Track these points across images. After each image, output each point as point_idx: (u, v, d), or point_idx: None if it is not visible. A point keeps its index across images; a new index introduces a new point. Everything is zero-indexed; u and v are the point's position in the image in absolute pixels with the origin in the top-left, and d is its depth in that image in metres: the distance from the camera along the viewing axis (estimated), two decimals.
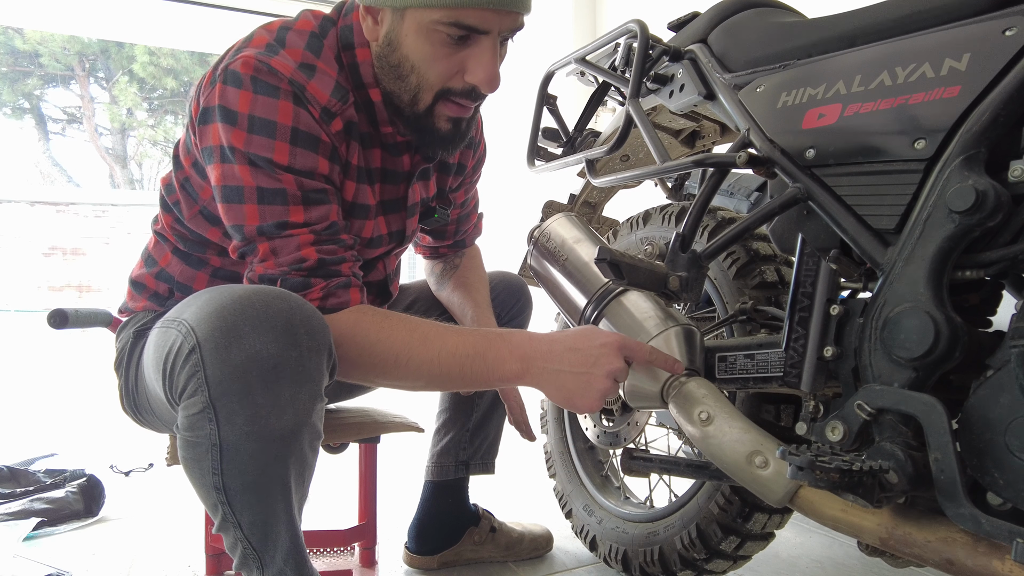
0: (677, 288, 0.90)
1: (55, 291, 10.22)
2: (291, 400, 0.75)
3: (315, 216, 0.88)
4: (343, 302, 0.88)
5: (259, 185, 0.85)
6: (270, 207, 0.86)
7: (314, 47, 0.91)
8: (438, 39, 0.84)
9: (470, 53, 0.86)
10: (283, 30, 0.91)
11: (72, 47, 12.79)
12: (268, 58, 0.86)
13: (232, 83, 0.85)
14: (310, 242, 0.87)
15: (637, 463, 1.07)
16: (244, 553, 0.82)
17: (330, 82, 0.90)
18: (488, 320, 1.20)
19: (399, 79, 0.90)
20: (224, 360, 0.73)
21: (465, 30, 0.83)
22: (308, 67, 0.89)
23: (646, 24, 1.04)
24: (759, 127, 0.88)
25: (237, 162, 0.85)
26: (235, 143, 0.85)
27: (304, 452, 0.80)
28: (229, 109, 0.85)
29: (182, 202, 1.00)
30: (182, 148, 0.99)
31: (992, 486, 0.61)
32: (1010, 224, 0.65)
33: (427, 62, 0.86)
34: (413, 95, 0.90)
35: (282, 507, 0.80)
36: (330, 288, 0.87)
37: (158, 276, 1.05)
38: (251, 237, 0.87)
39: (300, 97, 0.87)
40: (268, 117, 0.85)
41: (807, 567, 1.38)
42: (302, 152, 0.87)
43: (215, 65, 0.91)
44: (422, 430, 1.32)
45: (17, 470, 1.75)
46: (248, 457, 0.76)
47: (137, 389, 1.00)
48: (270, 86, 0.85)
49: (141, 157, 14.97)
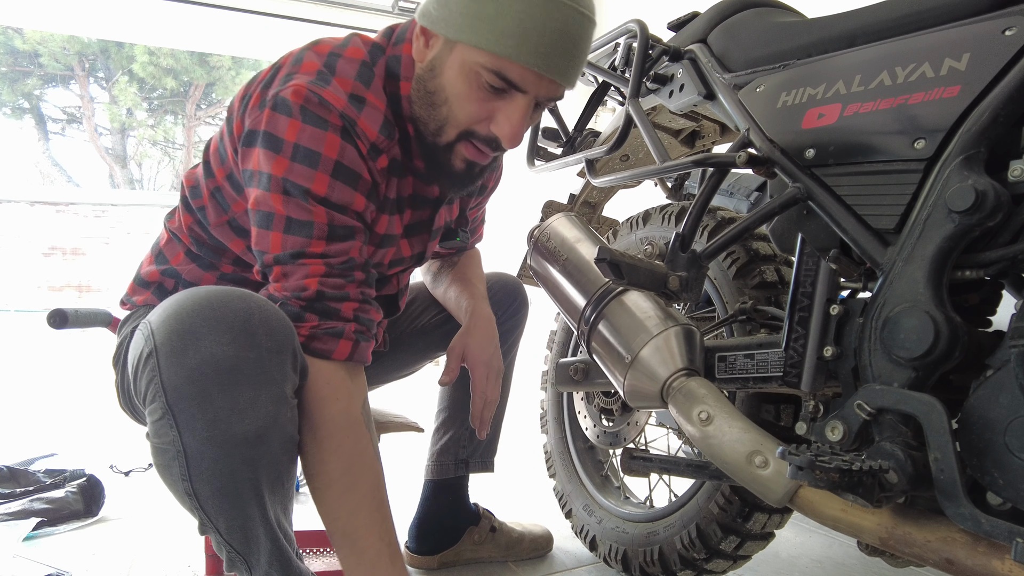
0: (677, 288, 0.90)
1: (55, 291, 10.21)
2: (251, 403, 0.74)
3: (334, 250, 0.87)
4: (327, 350, 0.85)
5: (289, 215, 0.84)
6: (294, 237, 0.85)
7: (365, 77, 0.89)
8: (477, 82, 0.84)
9: (502, 105, 0.86)
10: (333, 56, 0.89)
11: (72, 47, 12.78)
12: (320, 89, 0.85)
13: (281, 111, 0.84)
14: (319, 273, 0.85)
15: (637, 463, 1.07)
16: (230, 555, 0.81)
17: (379, 117, 0.89)
18: (484, 310, 1.19)
19: (431, 106, 0.89)
20: (179, 364, 0.72)
21: (504, 82, 0.83)
22: (358, 99, 0.88)
23: (646, 24, 1.04)
24: (759, 127, 0.88)
25: (272, 190, 0.85)
26: (274, 171, 0.84)
27: (275, 456, 0.78)
28: (275, 136, 0.84)
29: (209, 208, 0.99)
30: (214, 156, 0.98)
31: (992, 486, 0.61)
32: (1010, 224, 0.65)
33: (460, 100, 0.86)
34: (439, 126, 0.90)
35: (257, 511, 0.79)
36: (319, 330, 0.85)
37: (165, 272, 1.05)
38: (268, 264, 0.87)
39: (349, 132, 0.86)
40: (313, 148, 0.84)
41: (807, 567, 1.38)
42: (341, 186, 0.86)
43: (260, 83, 0.90)
44: (422, 430, 1.32)
45: (17, 470, 1.75)
46: (213, 463, 0.75)
47: (132, 387, 1.00)
48: (319, 118, 0.84)
49: (141, 157, 14.96)
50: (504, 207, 3.29)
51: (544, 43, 0.80)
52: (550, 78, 0.83)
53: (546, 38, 0.79)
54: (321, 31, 3.63)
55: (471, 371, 1.13)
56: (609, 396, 1.33)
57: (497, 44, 0.80)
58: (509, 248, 2.12)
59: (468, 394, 1.35)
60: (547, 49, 0.80)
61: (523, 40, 0.79)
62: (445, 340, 1.31)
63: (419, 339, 1.33)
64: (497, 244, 2.63)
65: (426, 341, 1.33)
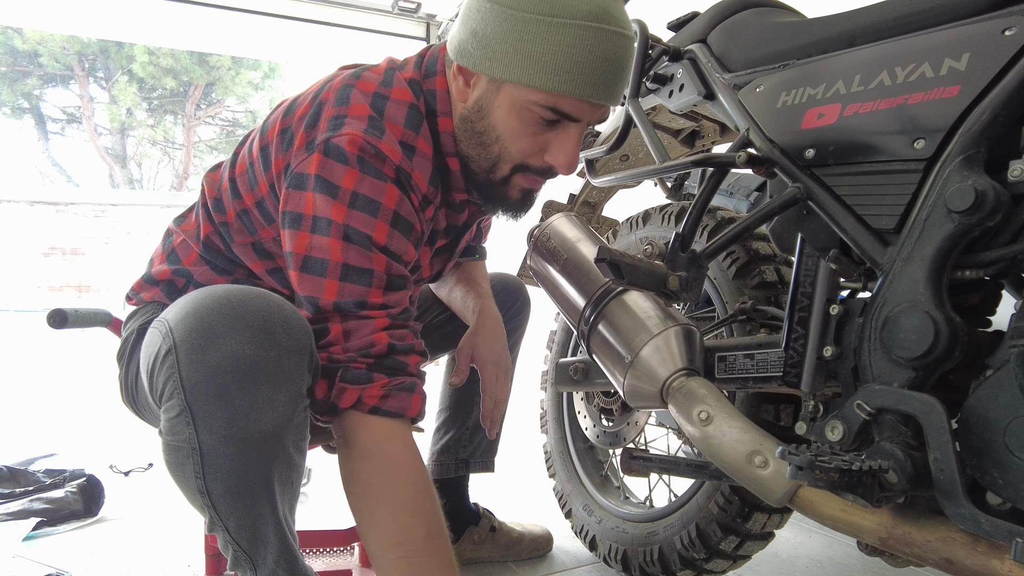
0: (677, 288, 0.90)
1: (54, 291, 10.21)
2: (270, 401, 0.74)
3: (393, 300, 0.86)
4: (403, 407, 0.84)
5: (347, 262, 0.83)
6: (352, 286, 0.83)
7: (414, 123, 0.88)
8: (529, 118, 0.84)
9: (556, 136, 0.86)
10: (381, 99, 0.87)
11: (71, 47, 12.78)
12: (376, 140, 0.83)
13: (337, 158, 0.82)
14: (384, 326, 0.84)
15: (637, 463, 1.07)
16: (235, 554, 0.82)
17: (428, 166, 0.90)
18: (491, 309, 1.19)
19: (481, 146, 0.89)
20: (199, 361, 0.72)
21: (558, 115, 0.83)
22: (409, 148, 0.87)
23: (646, 24, 1.04)
24: (759, 127, 0.88)
25: (331, 235, 0.82)
26: (333, 216, 0.82)
27: (289, 454, 0.79)
28: (330, 182, 0.82)
29: (234, 226, 0.98)
30: (241, 177, 0.96)
31: (991, 486, 0.61)
32: (1009, 224, 0.65)
33: (513, 136, 0.86)
34: (492, 164, 0.89)
35: (268, 510, 0.79)
36: (391, 388, 0.84)
37: (176, 272, 1.04)
38: (326, 311, 0.83)
39: (405, 184, 0.86)
40: (373, 197, 0.83)
41: (807, 567, 1.38)
42: (399, 236, 0.86)
43: (303, 119, 0.87)
44: (422, 429, 1.31)
45: (17, 470, 1.75)
46: (229, 461, 0.75)
47: (136, 384, 1.00)
48: (377, 169, 0.83)
49: (140, 157, 14.96)
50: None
51: (595, 73, 0.79)
52: (602, 103, 0.83)
53: (597, 68, 0.79)
54: (321, 31, 3.62)
55: (480, 371, 1.12)
56: (609, 396, 1.33)
57: (550, 81, 0.79)
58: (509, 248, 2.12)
59: (469, 394, 1.36)
60: (598, 79, 0.80)
61: (575, 74, 0.79)
62: (446, 340, 1.31)
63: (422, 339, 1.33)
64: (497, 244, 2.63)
65: (429, 341, 1.33)
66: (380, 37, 3.72)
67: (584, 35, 0.77)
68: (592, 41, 0.78)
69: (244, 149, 0.99)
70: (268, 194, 0.93)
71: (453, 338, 1.17)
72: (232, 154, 1.02)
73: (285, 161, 0.88)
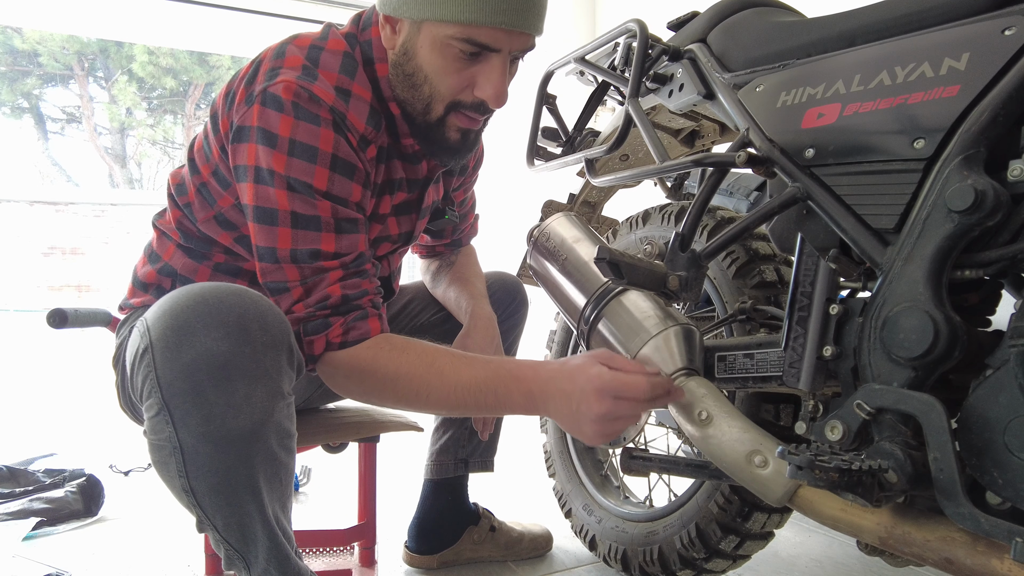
0: (676, 288, 0.90)
1: (54, 291, 10.20)
2: (246, 398, 0.74)
3: (345, 246, 0.89)
4: (363, 333, 0.89)
5: (294, 210, 0.86)
6: (304, 232, 0.86)
7: (348, 69, 0.91)
8: (451, 53, 0.86)
9: (480, 69, 0.88)
10: (316, 49, 0.91)
11: (71, 47, 12.76)
12: (309, 84, 0.86)
13: (272, 106, 0.85)
14: (338, 278, 0.88)
15: (636, 462, 1.07)
16: (228, 553, 0.82)
17: (365, 108, 0.91)
18: (484, 309, 1.19)
19: (412, 88, 0.91)
20: (174, 360, 0.73)
21: (477, 47, 0.85)
22: (344, 92, 0.90)
23: (645, 24, 1.04)
24: (758, 126, 0.88)
25: (275, 185, 0.86)
26: (275, 166, 0.85)
27: (272, 451, 0.79)
28: (269, 132, 0.85)
29: (195, 204, 1.00)
30: (198, 152, 0.99)
31: (991, 485, 0.61)
32: (1009, 223, 0.65)
33: (440, 75, 0.88)
34: (425, 104, 0.92)
35: (254, 508, 0.79)
36: (348, 323, 0.88)
37: (161, 271, 1.05)
38: (283, 260, 0.87)
39: (340, 125, 0.88)
40: (309, 143, 0.85)
41: (806, 566, 1.38)
42: (340, 179, 0.88)
43: (243, 79, 0.91)
44: (421, 429, 1.32)
45: (16, 470, 1.75)
46: (209, 459, 0.75)
47: (130, 384, 1.01)
48: (311, 113, 0.85)
49: (140, 157, 14.95)
50: (504, 207, 3.29)
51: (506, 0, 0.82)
52: (518, 31, 0.85)
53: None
54: None
55: None
56: None
57: (461, 13, 0.82)
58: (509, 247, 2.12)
59: None
60: (509, 5, 0.82)
61: (484, 2, 0.81)
62: (443, 339, 1.31)
63: (418, 337, 1.33)
64: (497, 244, 2.63)
65: (425, 340, 1.33)
66: None
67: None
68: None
69: (199, 131, 1.02)
70: (220, 159, 0.95)
71: (448, 338, 1.17)
72: (191, 141, 1.04)
73: (230, 119, 0.90)
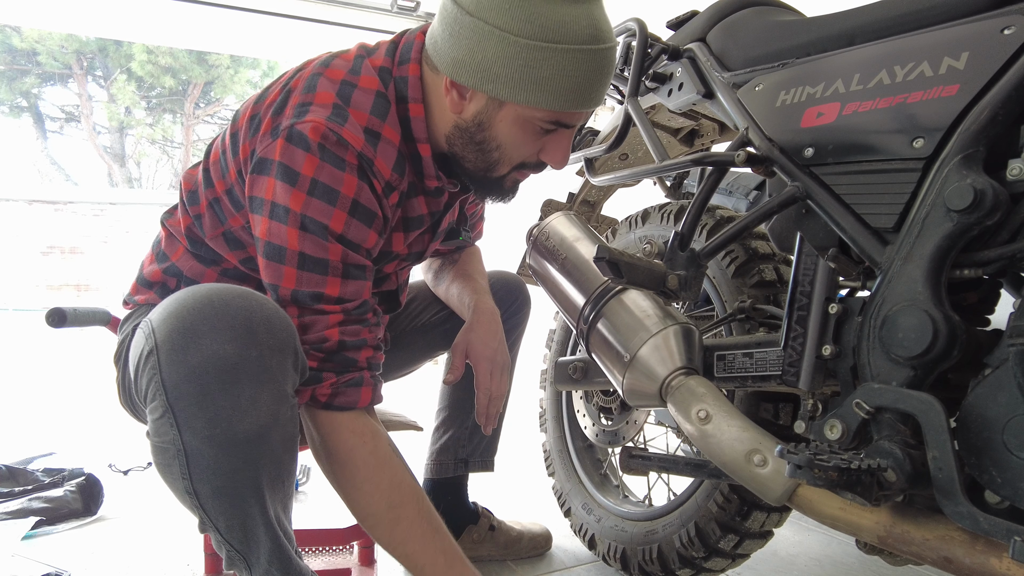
0: (676, 287, 0.90)
1: (53, 290, 10.20)
2: (252, 402, 0.74)
3: (350, 292, 0.88)
4: (351, 402, 0.88)
5: (303, 251, 0.84)
6: (309, 275, 0.85)
7: (380, 110, 0.90)
8: (531, 129, 0.88)
9: (551, 139, 0.91)
10: (348, 86, 0.89)
11: (70, 45, 12.75)
12: (338, 128, 0.84)
13: (298, 144, 0.84)
14: (337, 322, 0.87)
15: (636, 461, 1.07)
16: (229, 554, 0.82)
17: (393, 153, 0.90)
18: (487, 304, 1.18)
19: (481, 152, 0.92)
20: (180, 362, 0.72)
21: (557, 125, 0.88)
22: (374, 135, 0.88)
23: (645, 23, 1.04)
24: (758, 126, 0.88)
25: (288, 223, 0.84)
26: (291, 204, 0.84)
27: (277, 454, 0.79)
28: (291, 169, 0.84)
29: (206, 218, 0.99)
30: (214, 166, 0.98)
31: (990, 484, 0.61)
32: (1008, 223, 0.65)
33: (515, 145, 0.90)
34: (490, 165, 0.93)
35: (257, 510, 0.79)
36: (339, 385, 0.87)
37: (167, 271, 1.04)
38: (284, 300, 0.86)
39: (366, 171, 0.87)
40: (331, 185, 0.84)
41: (805, 565, 1.38)
42: (357, 225, 0.87)
43: (270, 107, 0.89)
44: (421, 428, 1.32)
45: (15, 469, 1.75)
46: (214, 462, 0.75)
47: (133, 385, 1.00)
48: (337, 157, 0.84)
49: (139, 156, 14.95)
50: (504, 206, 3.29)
51: (593, 88, 0.85)
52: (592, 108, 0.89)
53: (595, 84, 0.84)
54: (320, 29, 3.62)
55: (474, 367, 1.12)
56: (608, 395, 1.33)
57: (555, 102, 0.84)
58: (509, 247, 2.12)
59: (468, 393, 1.35)
60: (595, 92, 0.86)
61: (578, 93, 0.84)
62: (445, 338, 1.31)
63: (420, 337, 1.33)
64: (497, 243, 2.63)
65: (427, 339, 1.33)
66: (379, 36, 3.72)
67: (585, 58, 0.81)
68: (592, 63, 0.82)
69: (218, 140, 1.00)
70: (236, 180, 0.94)
71: (452, 335, 1.17)
72: (208, 146, 1.03)
73: (251, 146, 0.89)
